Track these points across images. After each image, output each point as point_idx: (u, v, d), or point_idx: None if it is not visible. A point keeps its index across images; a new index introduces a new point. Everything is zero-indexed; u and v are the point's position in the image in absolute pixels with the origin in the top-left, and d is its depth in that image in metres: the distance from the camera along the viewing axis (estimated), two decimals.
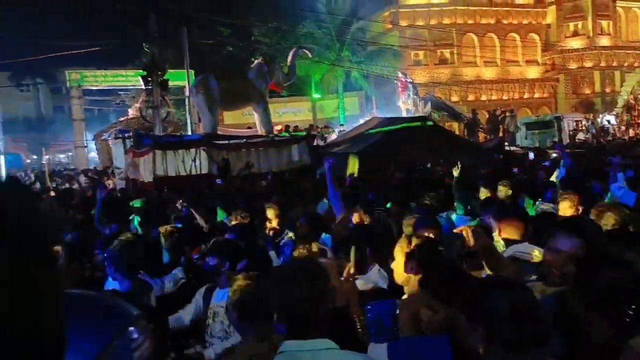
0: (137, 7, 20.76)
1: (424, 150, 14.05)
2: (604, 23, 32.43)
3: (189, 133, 21.53)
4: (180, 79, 23.02)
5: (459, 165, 6.08)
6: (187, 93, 25.87)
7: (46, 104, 53.41)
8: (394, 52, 27.74)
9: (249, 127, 20.50)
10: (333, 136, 21.40)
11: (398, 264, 2.70)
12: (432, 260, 2.56)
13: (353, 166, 9.81)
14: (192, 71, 22.69)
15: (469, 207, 5.64)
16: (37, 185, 17.33)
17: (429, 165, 13.91)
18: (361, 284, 2.92)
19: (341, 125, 25.64)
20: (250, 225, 5.03)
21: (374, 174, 11.02)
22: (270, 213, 5.70)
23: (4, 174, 18.51)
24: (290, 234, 4.79)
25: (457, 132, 25.53)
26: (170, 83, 22.19)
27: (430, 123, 16.52)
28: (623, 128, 26.56)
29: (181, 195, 8.80)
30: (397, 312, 2.45)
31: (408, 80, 22.94)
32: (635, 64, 31.44)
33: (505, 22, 32.57)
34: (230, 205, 6.46)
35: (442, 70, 31.47)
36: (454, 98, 30.37)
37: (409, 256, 2.68)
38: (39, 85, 46.88)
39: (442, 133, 16.59)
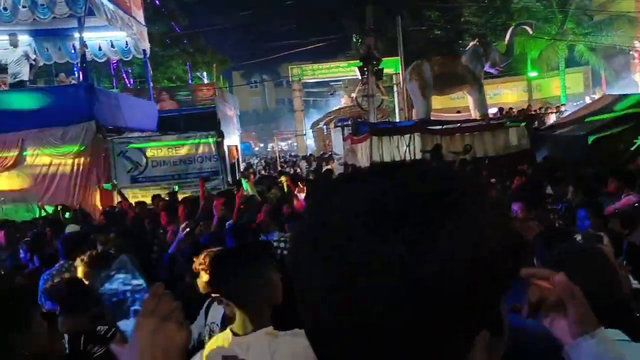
0: (352, 2, 21.82)
1: None
2: None
3: (397, 119, 22.03)
4: (389, 66, 23.55)
5: None
6: (395, 80, 26.50)
7: (270, 97, 59.88)
8: (629, 18, 24.06)
9: (458, 112, 20.08)
10: (552, 118, 19.66)
11: None
12: None
13: None
14: (398, 58, 23.01)
15: None
16: (270, 169, 19.66)
17: None
18: None
19: (562, 105, 23.38)
20: None
21: (608, 160, 9.89)
22: None
23: (241, 159, 21.40)
24: None
25: None
26: None
27: None
28: None
29: None
30: None
31: None
32: None
33: None
34: None
35: None
36: None
37: None
38: (265, 82, 52.70)
39: None
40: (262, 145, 50.72)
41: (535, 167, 10.96)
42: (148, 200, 9.04)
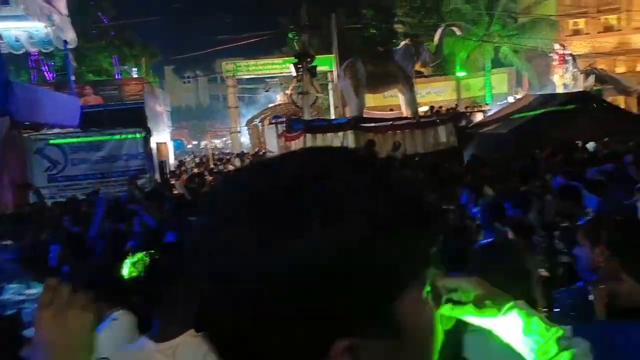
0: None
1: (584, 129, 12.84)
2: None
3: (332, 117, 22.16)
4: (323, 64, 23.63)
5: None
6: (330, 78, 26.64)
7: (203, 94, 58.66)
8: (550, 22, 25.48)
9: (391, 109, 20.47)
10: (479, 116, 20.48)
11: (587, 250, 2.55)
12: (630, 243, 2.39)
13: None
14: (333, 56, 23.19)
15: None
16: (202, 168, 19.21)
17: (590, 144, 12.70)
18: None
19: (486, 104, 24.41)
20: None
21: (526, 156, 10.38)
22: None
23: (172, 157, 20.80)
24: None
25: (624, 107, 22.86)
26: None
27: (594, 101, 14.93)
28: None
29: None
30: (590, 297, 2.32)
31: (566, 52, 20.98)
32: None
33: None
34: None
35: (606, 39, 28.25)
36: (620, 69, 27.15)
37: (596, 241, 2.52)
38: (198, 78, 51.55)
39: (608, 108, 14.97)
40: (195, 142, 49.63)
41: (462, 164, 11.35)
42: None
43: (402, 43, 15.96)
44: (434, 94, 28.08)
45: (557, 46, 22.01)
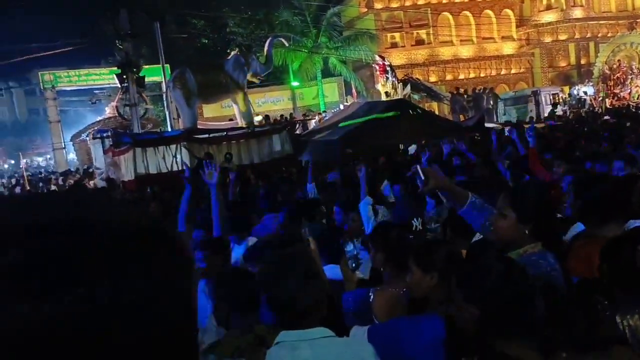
0: (108, 2, 20.27)
1: (404, 133, 14.08)
2: None
3: (169, 129, 21.36)
4: (155, 74, 22.73)
5: None
6: (164, 89, 25.67)
7: (20, 107, 52.42)
8: (370, 35, 27.62)
9: (230, 119, 20.38)
10: (313, 123, 21.34)
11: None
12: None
13: None
14: (167, 65, 22.42)
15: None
16: (18, 189, 17.09)
17: (412, 147, 13.97)
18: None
19: (324, 112, 25.60)
20: None
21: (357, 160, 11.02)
22: None
23: None
24: None
25: (437, 112, 25.63)
26: (146, 79, 21.91)
27: (409, 109, 16.41)
28: (600, 99, 26.88)
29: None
30: (371, 299, 2.51)
31: (386, 63, 22.82)
32: (609, 34, 31.64)
33: None
34: None
35: (419, 51, 31.41)
36: (433, 78, 30.39)
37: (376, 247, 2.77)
38: (12, 89, 45.92)
39: (423, 114, 16.63)
40: (13, 162, 44.10)
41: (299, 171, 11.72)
42: None
43: (232, 53, 15.93)
44: (270, 103, 28.64)
45: (377, 58, 23.86)
